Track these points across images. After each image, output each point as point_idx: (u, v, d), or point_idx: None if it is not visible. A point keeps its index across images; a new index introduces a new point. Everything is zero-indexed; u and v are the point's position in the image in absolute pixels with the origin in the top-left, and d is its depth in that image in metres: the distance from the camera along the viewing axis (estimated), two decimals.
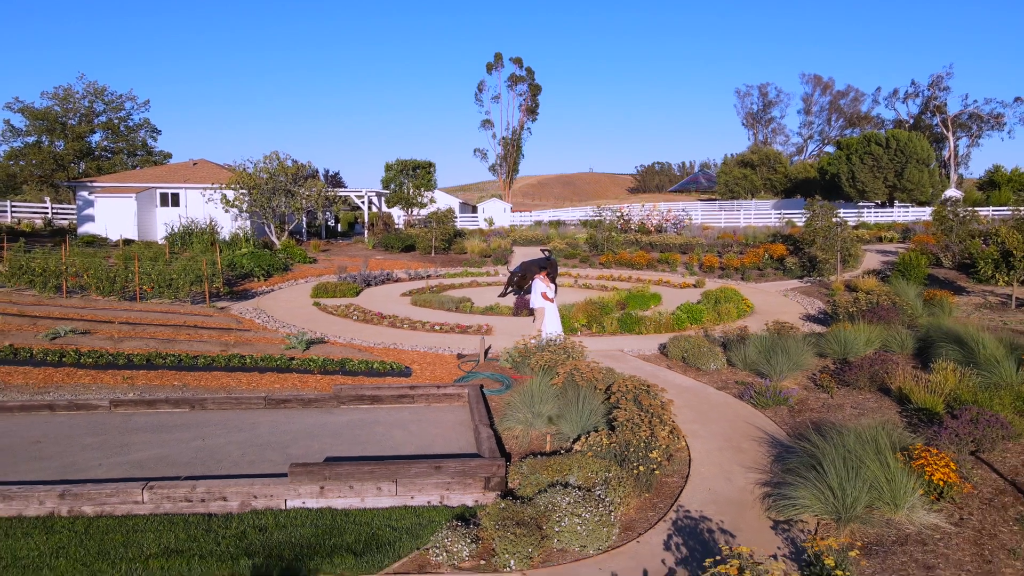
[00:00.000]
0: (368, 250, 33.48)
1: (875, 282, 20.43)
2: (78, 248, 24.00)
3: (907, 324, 14.56)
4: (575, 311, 16.21)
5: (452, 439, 8.98)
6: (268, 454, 8.50)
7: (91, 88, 59.91)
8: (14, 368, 11.61)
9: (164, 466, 8.04)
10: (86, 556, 5.96)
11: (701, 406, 10.30)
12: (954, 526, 6.69)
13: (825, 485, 6.83)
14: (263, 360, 12.19)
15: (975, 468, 7.97)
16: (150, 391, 10.92)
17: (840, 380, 11.23)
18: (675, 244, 32.20)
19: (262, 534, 6.39)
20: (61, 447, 8.71)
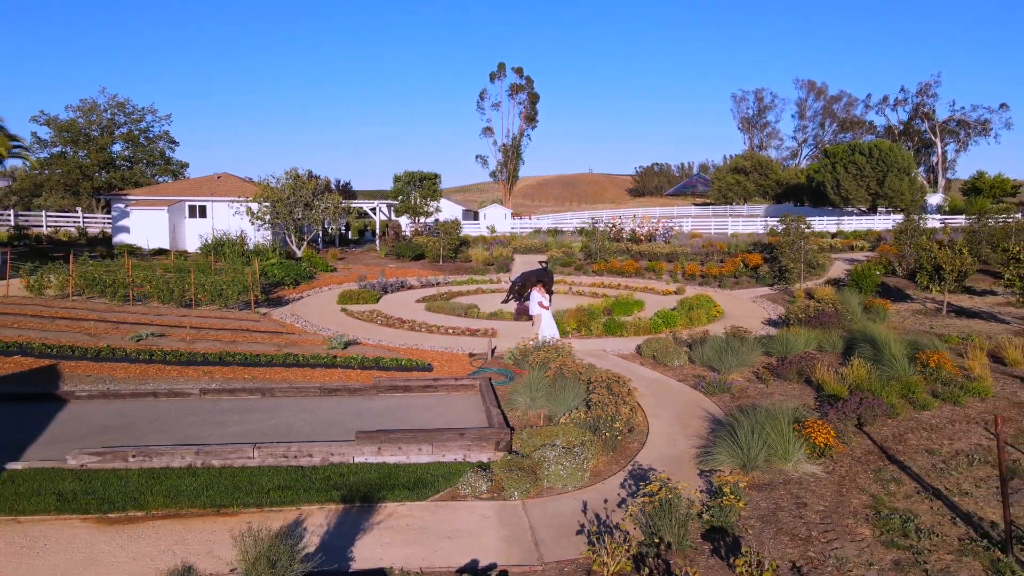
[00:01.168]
0: (381, 258, 36.21)
1: (831, 290, 23.15)
2: (135, 261, 26.64)
3: (844, 328, 17.27)
4: (567, 316, 18.92)
5: (469, 417, 11.70)
6: (330, 429, 11.20)
7: (113, 101, 62.65)
8: (115, 364, 14.33)
9: (255, 436, 10.74)
10: (225, 489, 8.68)
11: (663, 394, 13.02)
12: (826, 474, 9.41)
13: (737, 446, 9.55)
14: (312, 358, 14.91)
15: (856, 436, 10.69)
16: (227, 383, 13.63)
17: (775, 373, 13.96)
18: (662, 253, 34.95)
19: (341, 477, 9.10)
20: (173, 423, 11.42)
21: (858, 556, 7.35)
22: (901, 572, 7.03)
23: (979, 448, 10.21)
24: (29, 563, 6.99)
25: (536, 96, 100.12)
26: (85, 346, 14.95)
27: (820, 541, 7.69)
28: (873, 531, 7.88)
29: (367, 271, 30.47)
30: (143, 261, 27.37)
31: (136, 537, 7.56)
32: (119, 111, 63.58)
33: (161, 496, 8.42)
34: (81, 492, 8.50)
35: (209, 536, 7.54)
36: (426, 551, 7.35)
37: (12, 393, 12.52)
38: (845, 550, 7.46)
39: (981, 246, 29.89)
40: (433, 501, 8.57)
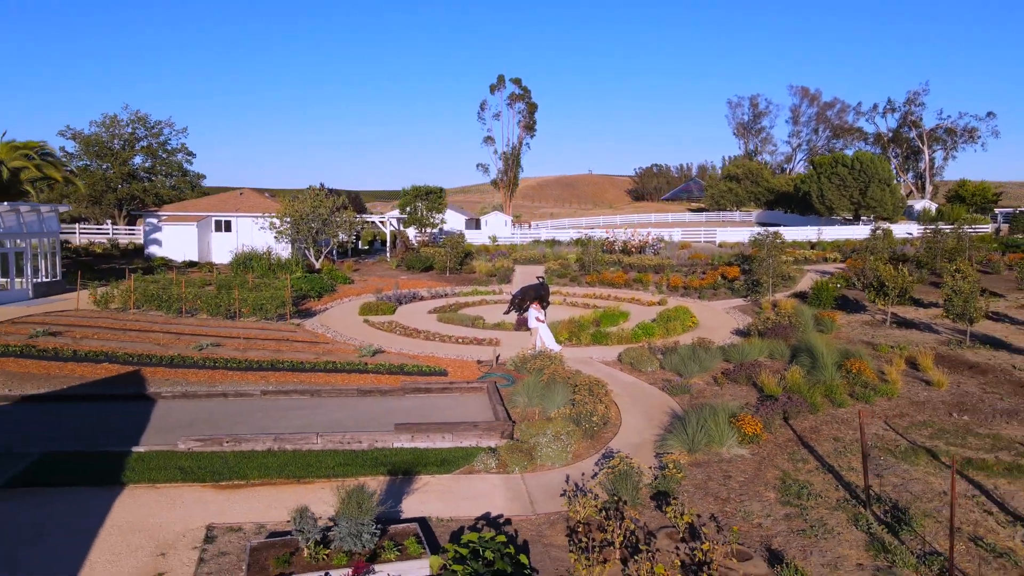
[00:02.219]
0: (392, 270, 39.11)
1: (793, 303, 26.01)
2: (173, 275, 29.54)
3: (795, 338, 20.12)
4: (561, 327, 21.80)
5: (480, 413, 14.58)
6: (370, 422, 14.07)
7: (134, 116, 65.53)
8: (186, 370, 17.21)
9: (312, 428, 13.61)
10: (300, 465, 11.56)
11: (635, 394, 15.91)
12: (751, 455, 12.30)
13: (685, 434, 12.45)
14: (347, 365, 17.79)
15: (782, 428, 13.59)
16: (281, 385, 16.52)
17: (729, 378, 16.85)
18: (650, 265, 37.83)
19: (385, 457, 11.98)
20: (245, 418, 14.31)
21: (760, 511, 10.25)
22: (788, 521, 9.93)
23: (875, 436, 13.09)
24: (175, 513, 9.88)
25: (535, 106, 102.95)
26: (159, 354, 17.85)
27: (735, 501, 10.60)
28: (776, 495, 10.79)
29: (381, 283, 33.36)
30: (181, 275, 30.22)
31: (245, 498, 10.46)
32: (139, 125, 66.42)
33: (255, 470, 11.32)
34: (195, 467, 11.39)
35: (297, 497, 10.41)
36: (453, 506, 10.24)
37: (113, 394, 15.42)
38: (752, 507, 10.37)
39: (936, 259, 32.75)
40: (455, 474, 11.46)
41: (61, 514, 9.73)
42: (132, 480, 10.89)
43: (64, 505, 10.01)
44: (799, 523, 9.86)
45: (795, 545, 9.24)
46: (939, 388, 15.77)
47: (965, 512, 10.04)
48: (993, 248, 42.75)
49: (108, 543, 8.97)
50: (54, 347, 17.92)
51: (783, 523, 9.90)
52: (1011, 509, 10.06)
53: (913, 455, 12.11)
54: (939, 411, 14.45)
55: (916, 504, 10.18)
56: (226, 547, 8.97)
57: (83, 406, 14.80)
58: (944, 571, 8.41)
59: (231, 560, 8.63)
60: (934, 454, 12.16)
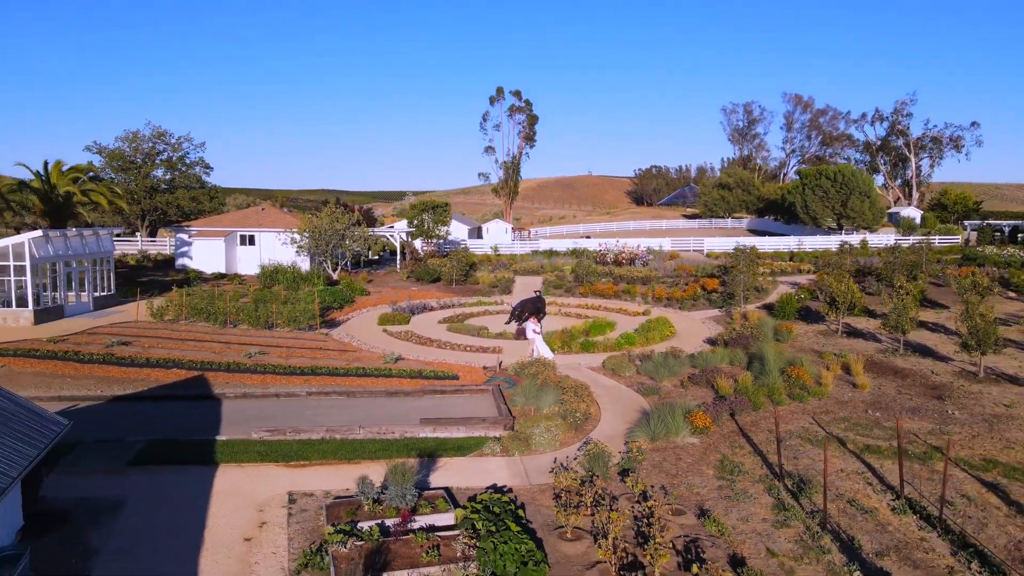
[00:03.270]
0: (403, 281, 42.34)
1: (760, 314, 29.23)
2: (220, 290, 32.76)
3: (753, 347, 23.32)
4: (554, 337, 25.01)
5: (487, 410, 17.79)
6: (398, 418, 17.27)
7: (155, 131, 68.77)
8: (241, 375, 20.43)
9: (353, 422, 16.83)
10: (349, 450, 14.78)
11: (614, 395, 19.14)
12: (700, 443, 15.53)
13: (649, 427, 15.67)
14: (374, 370, 21.01)
15: (728, 422, 16.80)
16: (322, 387, 19.74)
17: (693, 381, 20.07)
18: (638, 277, 41.05)
19: (414, 444, 15.19)
20: (296, 414, 17.51)
21: (700, 483, 13.48)
22: (720, 490, 13.16)
23: (801, 429, 16.31)
24: (261, 484, 13.09)
25: (535, 118, 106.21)
26: (216, 361, 21.09)
27: (682, 476, 13.83)
28: (714, 472, 14.02)
29: (394, 294, 36.58)
30: (215, 287, 33.44)
31: (310, 473, 13.69)
32: (160, 140, 69.65)
33: (314, 453, 14.55)
34: (268, 451, 14.62)
35: (350, 473, 13.61)
36: (468, 479, 13.46)
37: (187, 395, 18.66)
38: (693, 480, 13.60)
39: (895, 273, 35.91)
40: (469, 457, 14.70)
41: (178, 484, 12.97)
42: (222, 460, 14.12)
43: (178, 478, 13.25)
44: (727, 491, 13.09)
45: (721, 506, 12.48)
46: (863, 390, 19.01)
47: (852, 484, 13.28)
48: (951, 261, 45.94)
49: (219, 504, 12.21)
50: (129, 355, 21.16)
51: (715, 491, 13.13)
52: (887, 482, 13.30)
53: (824, 442, 15.33)
54: (858, 409, 17.68)
55: (817, 478, 13.40)
56: (305, 506, 12.20)
57: (165, 404, 18.03)
58: (822, 522, 11.65)
59: (310, 514, 11.87)
60: (842, 442, 15.40)
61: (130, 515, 11.68)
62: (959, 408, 17.53)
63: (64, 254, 27.04)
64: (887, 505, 12.38)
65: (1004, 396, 18.40)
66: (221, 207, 77.24)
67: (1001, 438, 15.44)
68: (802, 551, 10.87)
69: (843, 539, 11.19)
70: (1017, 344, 24.11)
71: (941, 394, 18.71)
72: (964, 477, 13.52)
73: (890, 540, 11.12)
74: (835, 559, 10.58)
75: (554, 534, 11.26)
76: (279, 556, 10.51)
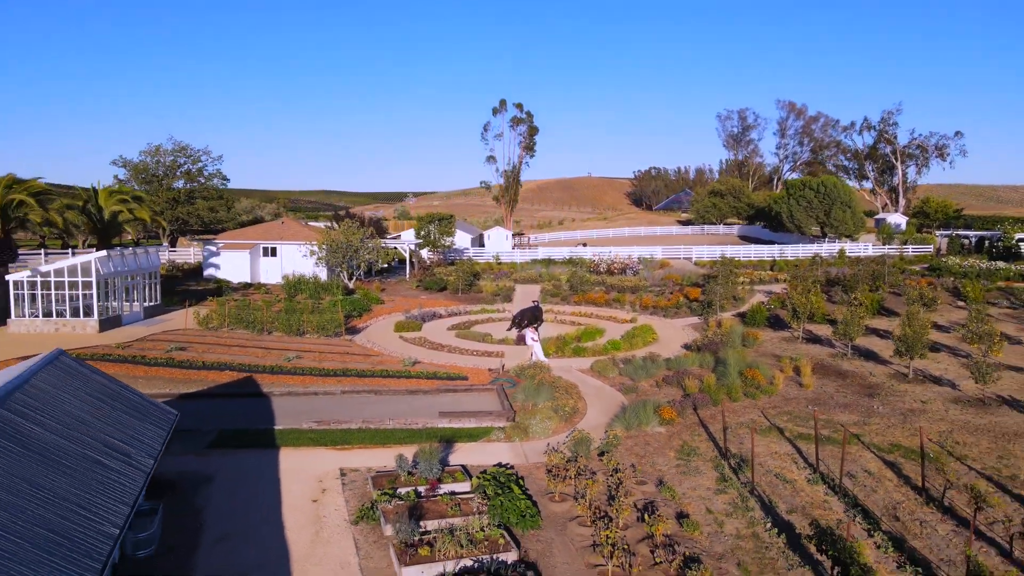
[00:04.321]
0: (413, 290, 45.72)
1: (733, 321, 32.58)
2: (249, 299, 36.17)
3: (723, 352, 26.64)
4: (549, 343, 28.35)
5: (492, 406, 21.15)
6: (420, 412, 20.63)
7: (177, 145, 72.19)
8: (283, 376, 23.77)
9: (383, 416, 20.20)
10: (382, 437, 18.15)
11: (599, 394, 22.52)
12: (666, 431, 18.90)
13: (625, 419, 19.05)
14: (395, 372, 24.37)
15: (691, 415, 20.17)
16: (353, 387, 23.10)
17: (667, 382, 23.44)
18: (628, 286, 44.42)
19: (434, 433, 18.56)
20: (335, 408, 20.88)
21: (662, 462, 16.87)
22: (677, 467, 16.54)
23: (750, 420, 19.67)
24: (316, 463, 16.45)
25: (535, 129, 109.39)
26: (261, 364, 24.47)
27: (648, 456, 17.21)
28: (675, 454, 17.40)
29: (406, 303, 39.95)
30: (245, 296, 36.80)
31: (354, 455, 17.07)
32: (181, 153, 73.05)
33: (355, 439, 17.94)
34: (318, 438, 18.00)
35: (386, 453, 16.97)
36: (479, 459, 16.84)
37: (241, 393, 22.03)
38: (657, 460, 16.99)
39: (859, 284, 39.30)
40: (479, 442, 18.08)
41: (252, 463, 16.36)
42: (282, 445, 17.51)
43: (250, 458, 16.63)
44: (683, 468, 16.48)
45: (676, 479, 15.86)
46: (807, 389, 22.40)
47: (781, 462, 16.66)
48: (914, 272, 49.26)
49: (287, 476, 15.60)
50: (187, 359, 24.55)
51: (673, 468, 16.52)
52: (809, 461, 16.68)
53: (768, 431, 18.74)
54: (800, 404, 21.06)
55: (755, 458, 16.78)
56: (353, 478, 15.59)
57: (225, 401, 21.40)
58: (751, 490, 15.04)
59: (358, 484, 15.25)
60: (781, 431, 18.79)
61: (220, 485, 15.07)
62: (884, 404, 20.92)
63: (122, 270, 30.43)
64: (804, 478, 15.76)
65: (924, 394, 21.78)
66: (237, 216, 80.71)
67: (910, 428, 18.81)
68: (733, 510, 14.25)
69: (765, 502, 14.57)
70: (951, 349, 27.49)
71: (872, 392, 22.11)
72: (871, 457, 16.90)
73: (800, 502, 14.51)
74: (756, 515, 13.97)
75: (545, 497, 14.66)
76: (340, 512, 13.89)
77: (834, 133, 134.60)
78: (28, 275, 28.18)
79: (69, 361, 13.67)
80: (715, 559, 12.31)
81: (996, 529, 13.08)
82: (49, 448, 10.05)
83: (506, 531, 12.73)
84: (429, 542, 12.07)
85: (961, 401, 20.98)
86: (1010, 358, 25.71)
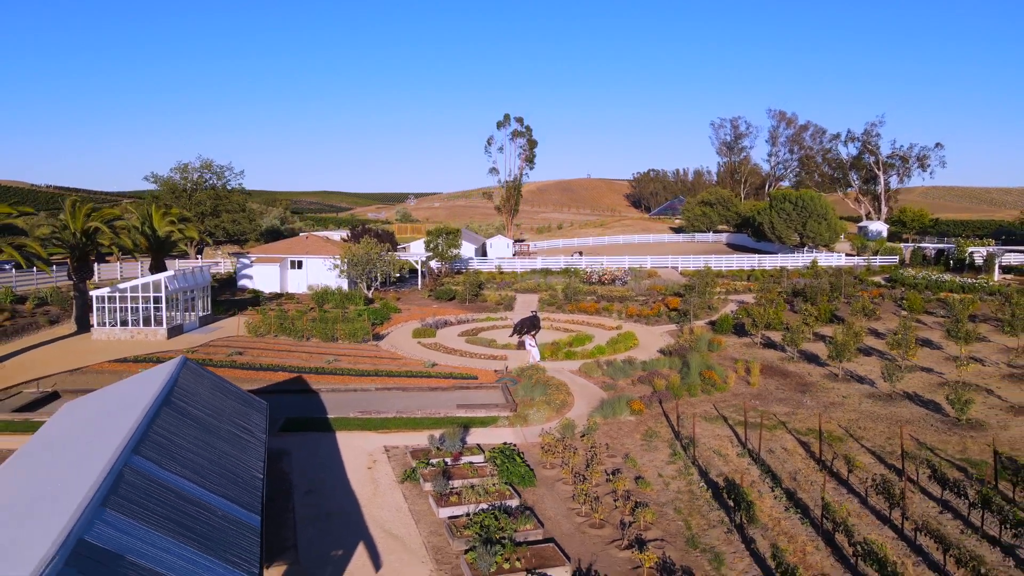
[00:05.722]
0: (425, 299, 50.52)
1: (704, 329, 37.34)
2: (282, 308, 41.04)
3: (690, 356, 31.39)
4: (545, 348, 33.11)
5: (499, 399, 25.91)
6: (441, 405, 25.41)
7: (203, 163, 77.02)
8: (326, 376, 28.52)
9: (412, 407, 24.97)
10: (412, 423, 22.94)
11: (584, 390, 27.30)
12: (635, 420, 23.69)
13: (603, 410, 23.84)
14: (418, 373, 29.14)
15: (656, 407, 24.96)
16: (384, 385, 27.87)
17: (640, 381, 28.20)
18: (616, 296, 49.19)
19: (454, 420, 23.35)
20: (372, 402, 25.64)
21: (630, 443, 21.66)
22: (641, 446, 21.34)
23: (704, 412, 24.44)
24: (365, 442, 21.25)
25: (535, 143, 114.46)
26: (307, 366, 29.26)
27: (620, 438, 22.01)
28: (640, 436, 22.18)
29: (420, 311, 44.73)
30: (280, 305, 41.55)
31: (393, 436, 21.85)
32: (206, 170, 77.90)
33: (393, 425, 22.73)
34: (363, 424, 22.78)
35: (417, 435, 21.71)
36: (489, 440, 21.61)
37: (294, 389, 26.80)
38: (626, 441, 21.79)
39: (817, 296, 44.03)
40: (488, 428, 22.87)
41: (316, 442, 21.14)
42: (336, 429, 22.29)
43: (314, 439, 21.41)
44: (645, 447, 21.27)
45: (639, 454, 20.64)
46: (754, 386, 27.18)
47: (720, 442, 21.44)
48: (871, 283, 54.00)
49: (345, 451, 20.38)
50: (246, 362, 29.34)
51: (638, 447, 21.30)
52: (742, 441, 21.46)
53: (715, 420, 23.52)
54: (746, 399, 25.82)
55: (702, 440, 21.55)
56: (395, 453, 20.37)
57: (283, 396, 26.15)
58: (693, 461, 19.83)
59: (399, 456, 20.03)
60: (725, 419, 23.57)
61: (297, 456, 19.85)
62: (813, 398, 25.72)
63: (183, 286, 35.24)
64: (736, 453, 20.55)
65: (847, 391, 26.57)
66: (259, 227, 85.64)
67: (829, 417, 23.59)
68: (677, 475, 19.04)
69: (702, 469, 19.36)
70: (880, 353, 32.26)
71: (806, 389, 26.90)
72: (791, 439, 21.69)
73: (728, 470, 19.29)
74: (694, 478, 18.76)
75: (539, 466, 19.46)
76: (389, 476, 18.68)
77: (823, 142, 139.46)
78: (108, 291, 33.00)
79: (192, 365, 18.45)
80: (659, 505, 17.10)
81: (863, 486, 17.88)
82: (207, 425, 14.85)
83: (511, 487, 17.52)
84: (456, 493, 16.87)
85: (874, 396, 25.77)
86: (926, 361, 30.52)
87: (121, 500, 9.70)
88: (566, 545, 14.98)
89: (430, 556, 14.47)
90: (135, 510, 9.67)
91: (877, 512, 16.44)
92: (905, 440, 21.09)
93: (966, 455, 20.06)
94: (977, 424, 22.47)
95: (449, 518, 15.89)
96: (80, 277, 34.83)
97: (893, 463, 19.44)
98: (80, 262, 34.56)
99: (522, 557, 13.95)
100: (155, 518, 9.83)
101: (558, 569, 13.72)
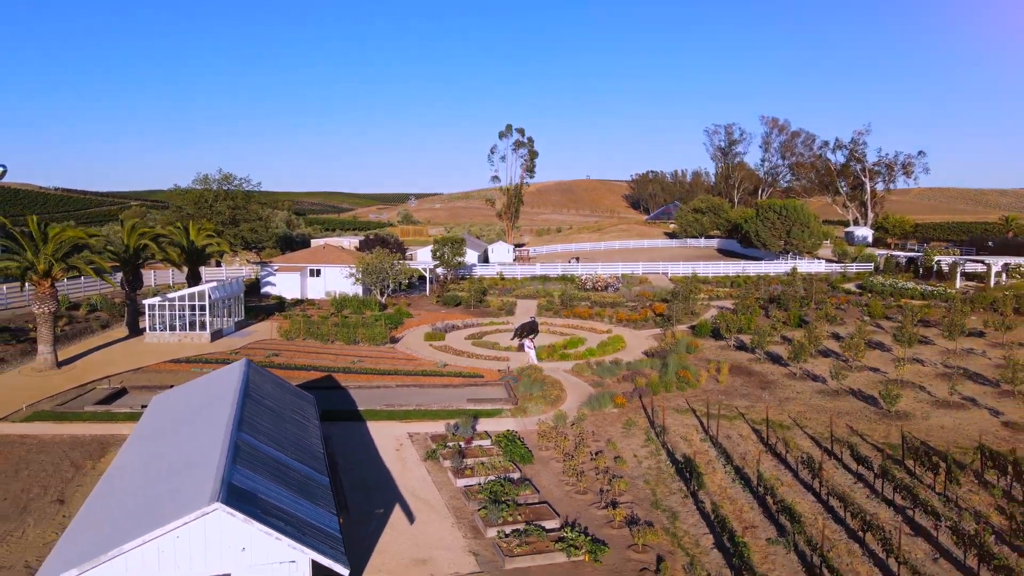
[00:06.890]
0: (433, 305, 54.49)
1: (686, 333, 41.26)
2: (306, 314, 45.07)
3: (668, 357, 35.27)
4: (542, 350, 37.03)
5: (502, 394, 29.84)
6: (452, 399, 29.33)
7: (223, 175, 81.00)
8: (352, 375, 32.45)
9: (429, 401, 28.90)
10: (430, 414, 26.95)
11: (575, 387, 31.24)
12: (618, 412, 27.63)
13: (591, 404, 27.79)
14: (431, 372, 33.07)
15: (636, 401, 28.89)
16: (403, 383, 31.81)
17: (624, 379, 32.13)
18: (608, 302, 53.13)
19: (465, 412, 27.31)
20: (394, 396, 29.56)
21: (612, 431, 25.62)
22: (622, 433, 25.30)
23: (677, 405, 28.36)
24: (392, 429, 25.19)
25: (535, 153, 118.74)
26: (335, 366, 33.21)
27: (604, 427, 25.97)
28: (622, 425, 26.13)
29: (430, 316, 48.66)
30: (303, 311, 45.45)
31: (414, 425, 25.79)
32: (226, 181, 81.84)
33: (414, 416, 26.67)
34: (389, 414, 26.72)
35: (436, 424, 25.60)
36: (495, 427, 25.54)
37: (327, 386, 30.74)
38: (609, 429, 25.75)
39: (790, 303, 47.93)
40: (494, 418, 26.80)
41: (351, 429, 25.08)
42: (367, 419, 26.24)
43: (349, 426, 25.35)
44: (625, 433, 25.21)
45: (619, 439, 24.59)
46: (722, 384, 31.13)
47: (687, 430, 25.39)
48: (846, 290, 57.91)
49: (376, 436, 24.33)
50: (282, 362, 33.28)
51: (619, 434, 25.24)
52: (705, 428, 25.41)
53: (685, 412, 27.46)
54: (714, 394, 29.76)
55: (672, 428, 25.49)
56: (417, 438, 24.32)
57: (318, 391, 30.03)
58: (663, 444, 23.79)
59: (421, 440, 23.98)
60: (694, 411, 27.53)
61: (337, 440, 23.80)
62: (771, 394, 29.67)
63: (224, 294, 39.22)
64: (699, 439, 24.51)
65: (802, 388, 30.52)
66: (275, 235, 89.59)
67: (782, 409, 27.54)
68: (649, 455, 23.00)
69: (669, 451, 23.32)
70: (836, 355, 36.19)
71: (767, 386, 30.84)
72: (747, 427, 25.64)
73: (689, 450, 23.24)
74: (662, 458, 22.71)
75: (536, 448, 23.43)
76: (414, 456, 22.63)
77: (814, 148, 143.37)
78: (159, 300, 37.00)
79: (254, 365, 22.41)
80: (632, 478, 21.05)
81: (796, 464, 21.84)
82: (278, 412, 18.83)
83: (514, 464, 21.48)
84: (470, 468, 20.83)
85: (823, 392, 29.73)
86: (875, 362, 34.48)
87: (244, 460, 13.68)
88: (557, 506, 18.93)
89: (451, 513, 18.43)
90: (254, 467, 13.66)
91: (804, 482, 20.40)
92: (840, 428, 25.08)
93: (888, 440, 24.03)
94: (904, 415, 26.44)
95: (465, 487, 19.85)
96: (132, 287, 38.81)
97: (828, 446, 23.39)
98: (132, 274, 38.54)
99: (522, 513, 17.91)
100: (266, 473, 13.81)
101: (550, 521, 17.69)
